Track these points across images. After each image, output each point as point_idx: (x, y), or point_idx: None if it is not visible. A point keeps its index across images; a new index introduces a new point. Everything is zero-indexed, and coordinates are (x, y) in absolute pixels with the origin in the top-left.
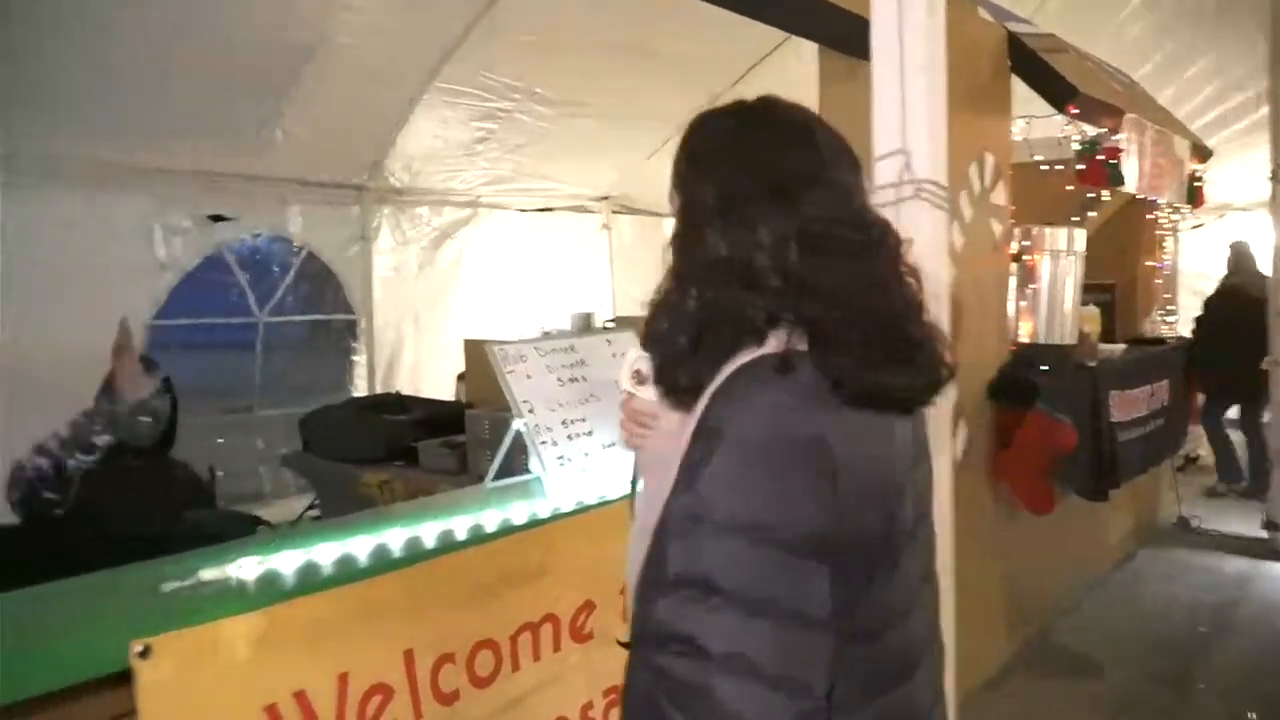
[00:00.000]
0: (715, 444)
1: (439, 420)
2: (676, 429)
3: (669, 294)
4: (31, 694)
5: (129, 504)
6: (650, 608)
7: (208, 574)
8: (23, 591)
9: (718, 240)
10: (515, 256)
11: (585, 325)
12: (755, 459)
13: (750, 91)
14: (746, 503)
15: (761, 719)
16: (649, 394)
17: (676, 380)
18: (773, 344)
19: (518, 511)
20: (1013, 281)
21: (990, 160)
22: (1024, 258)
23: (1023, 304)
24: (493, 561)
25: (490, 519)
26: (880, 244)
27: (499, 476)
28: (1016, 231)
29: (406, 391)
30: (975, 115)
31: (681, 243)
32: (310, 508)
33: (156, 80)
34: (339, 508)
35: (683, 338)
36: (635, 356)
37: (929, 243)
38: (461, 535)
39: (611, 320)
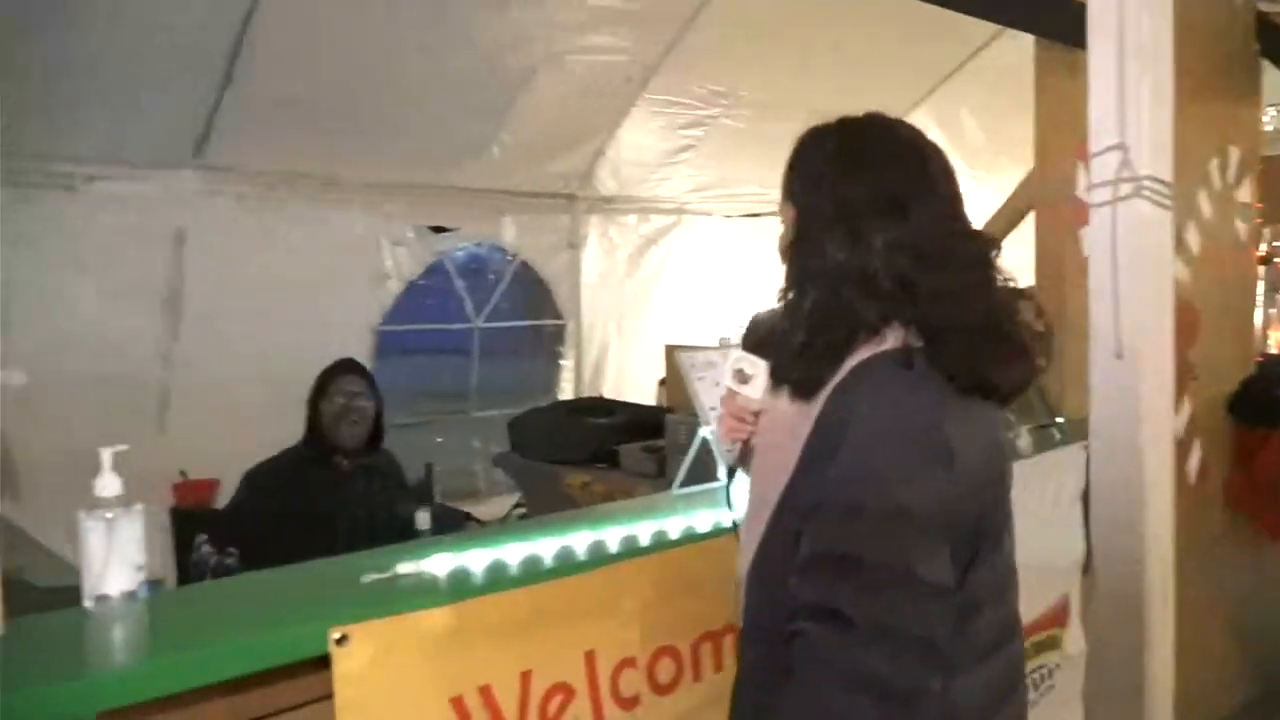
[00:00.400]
0: (844, 433)
1: (640, 424)
2: (793, 421)
3: (788, 297)
4: (239, 673)
5: (341, 500)
6: (780, 589)
7: (404, 567)
8: (238, 577)
9: (835, 249)
10: (719, 262)
11: None
12: (884, 446)
13: (956, 89)
14: (878, 486)
15: (903, 680)
16: (751, 392)
17: (795, 375)
18: (890, 341)
19: (702, 519)
20: (1261, 286)
21: (1234, 154)
22: (1274, 260)
23: (1272, 311)
24: (675, 568)
25: (675, 525)
26: (981, 251)
27: (686, 483)
28: (1266, 232)
29: (611, 395)
30: (1215, 104)
31: (798, 249)
32: (516, 506)
33: (388, 102)
34: (543, 507)
35: (801, 336)
36: (737, 357)
37: (1151, 244)
38: (645, 540)
39: None
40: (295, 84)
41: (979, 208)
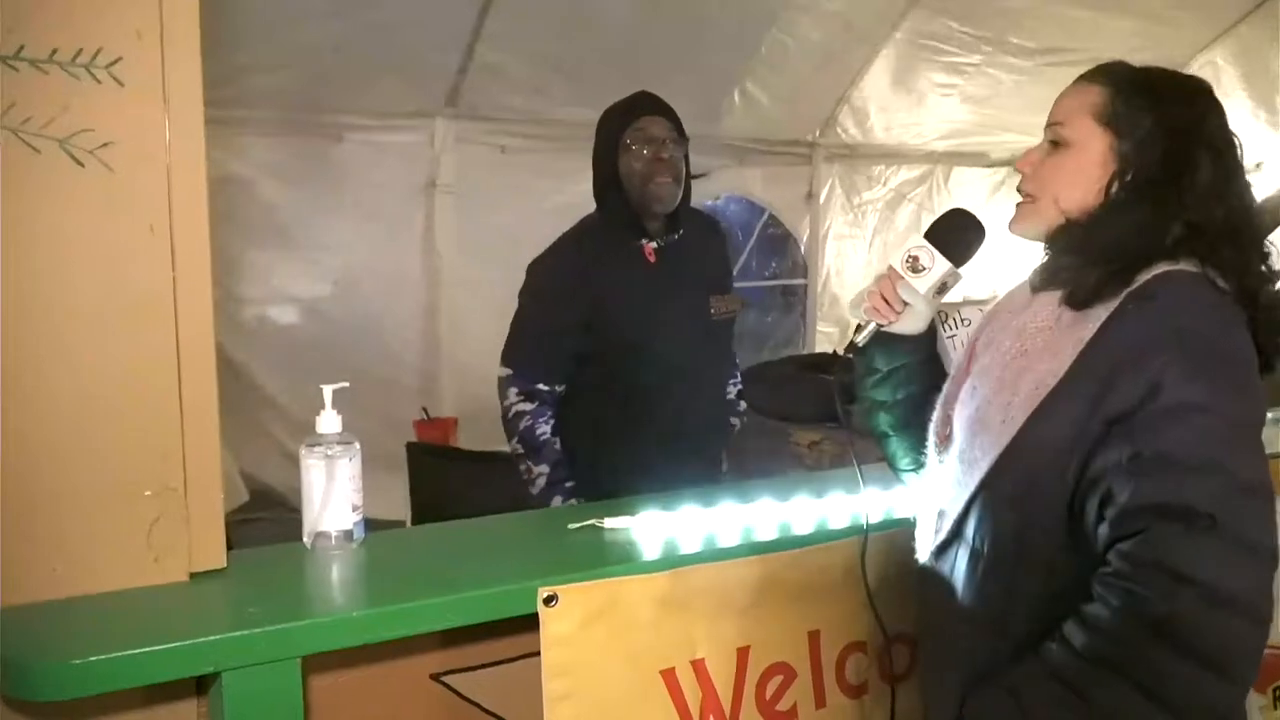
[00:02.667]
0: (1160, 339)
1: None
2: (1050, 327)
3: (1137, 220)
4: (445, 627)
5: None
6: (1043, 507)
7: (611, 522)
8: (451, 525)
9: (1159, 173)
10: (979, 214)
11: None
12: (1216, 354)
13: (1261, 24)
14: (1229, 394)
15: (1263, 597)
16: (918, 284)
17: (1085, 281)
18: (1184, 265)
19: None
20: None
21: None
22: None
23: None
24: (907, 548)
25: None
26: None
27: None
28: None
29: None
30: None
31: (1121, 169)
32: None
33: (631, 48)
34: (769, 466)
35: (1100, 246)
36: (918, 244)
37: None
38: (878, 515)
39: None
40: (540, 34)
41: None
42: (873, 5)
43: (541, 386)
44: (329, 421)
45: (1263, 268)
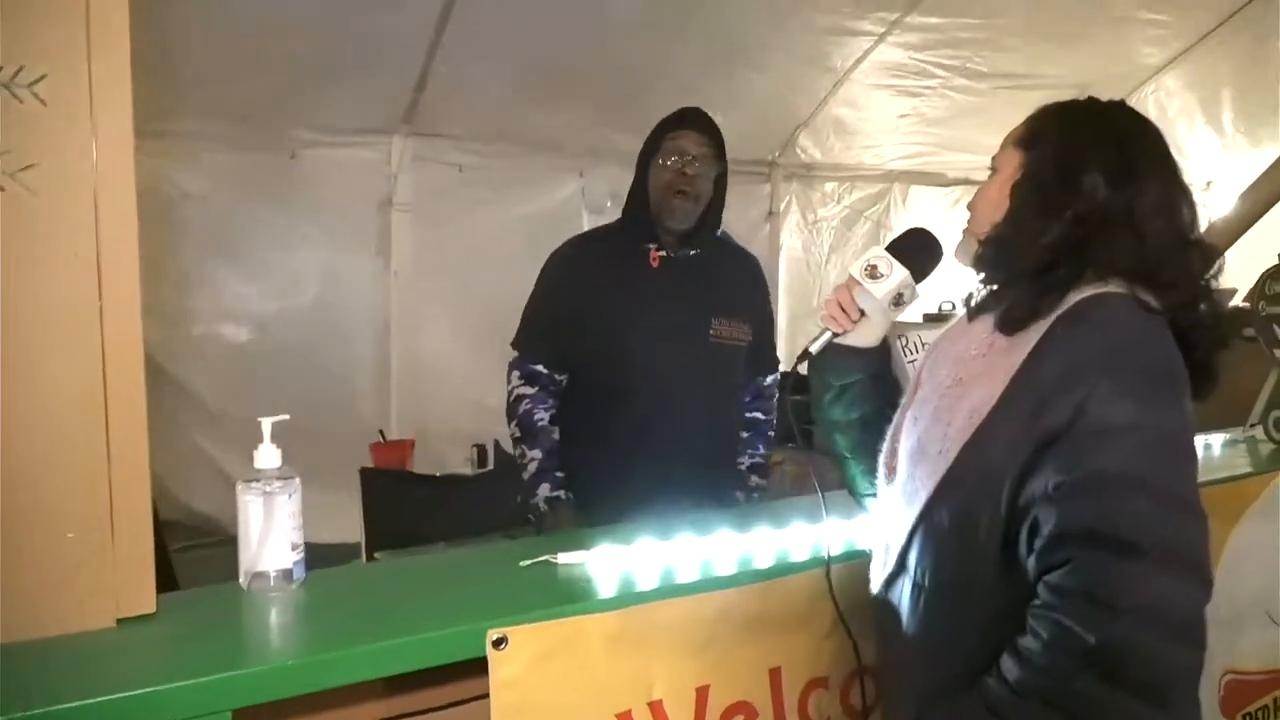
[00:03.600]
0: (1091, 360)
1: None
2: (984, 354)
3: (1019, 229)
4: (388, 674)
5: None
6: (975, 533)
7: (566, 557)
8: (392, 563)
9: (1104, 195)
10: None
11: None
12: (1141, 371)
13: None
14: (1149, 408)
15: (1193, 613)
16: (875, 290)
17: (1018, 305)
18: (1113, 286)
19: None
20: None
21: None
22: None
23: None
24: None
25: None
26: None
27: None
28: None
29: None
30: None
31: (1046, 185)
32: None
33: (593, 67)
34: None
35: (1030, 265)
36: (878, 253)
37: None
38: (839, 546)
39: None
40: (500, 52)
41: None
42: (840, 40)
43: (541, 369)
44: (267, 456)
45: (1195, 285)
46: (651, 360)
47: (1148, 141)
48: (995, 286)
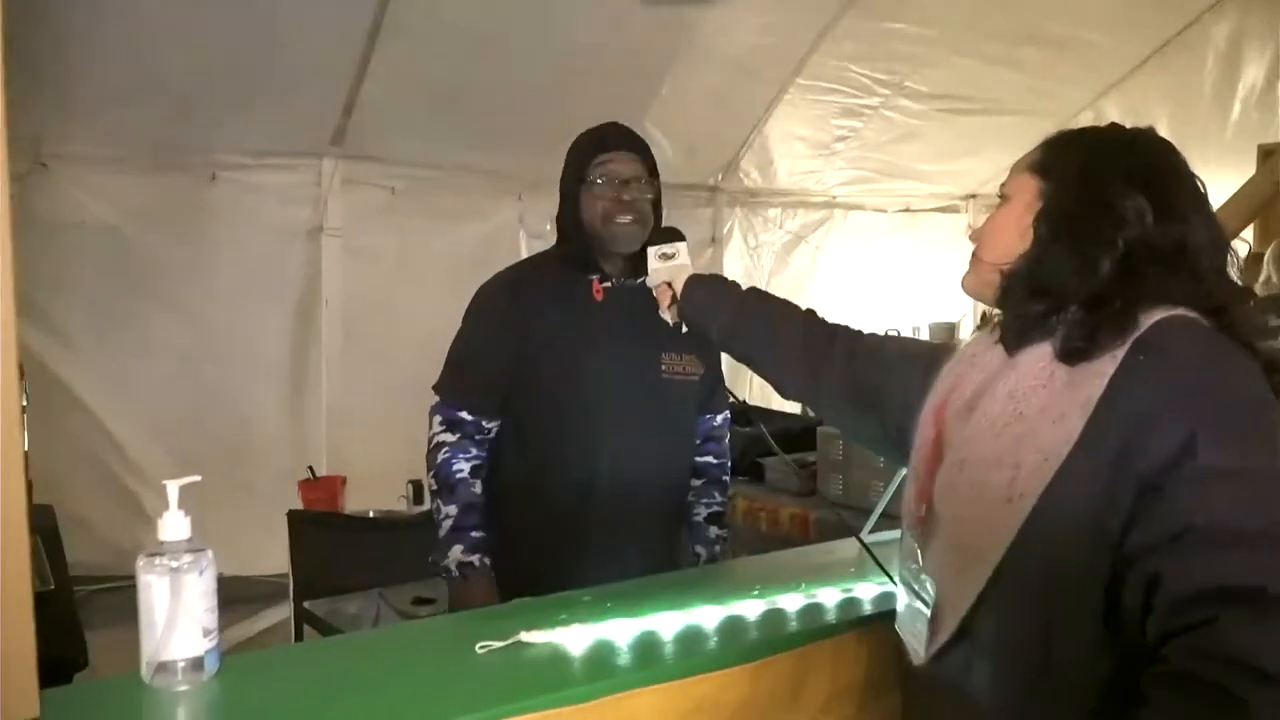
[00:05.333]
0: (1199, 403)
1: (787, 435)
2: (1045, 388)
3: (1072, 255)
4: None
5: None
6: (1059, 595)
7: (529, 636)
8: (334, 640)
9: (1151, 222)
10: (872, 260)
11: (949, 338)
12: (1259, 412)
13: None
14: (1267, 445)
15: None
16: (681, 259)
17: (1076, 333)
18: (1181, 310)
19: None
20: None
21: None
22: None
23: None
24: (875, 651)
25: (870, 592)
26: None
27: (878, 528)
28: None
29: (755, 403)
30: None
31: (1045, 206)
32: None
33: (526, 90)
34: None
35: (1084, 296)
36: (652, 249)
37: None
38: (832, 613)
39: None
40: (432, 73)
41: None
42: (772, 47)
43: (465, 416)
44: (174, 526)
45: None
46: (600, 401)
47: (1183, 170)
48: (1031, 309)
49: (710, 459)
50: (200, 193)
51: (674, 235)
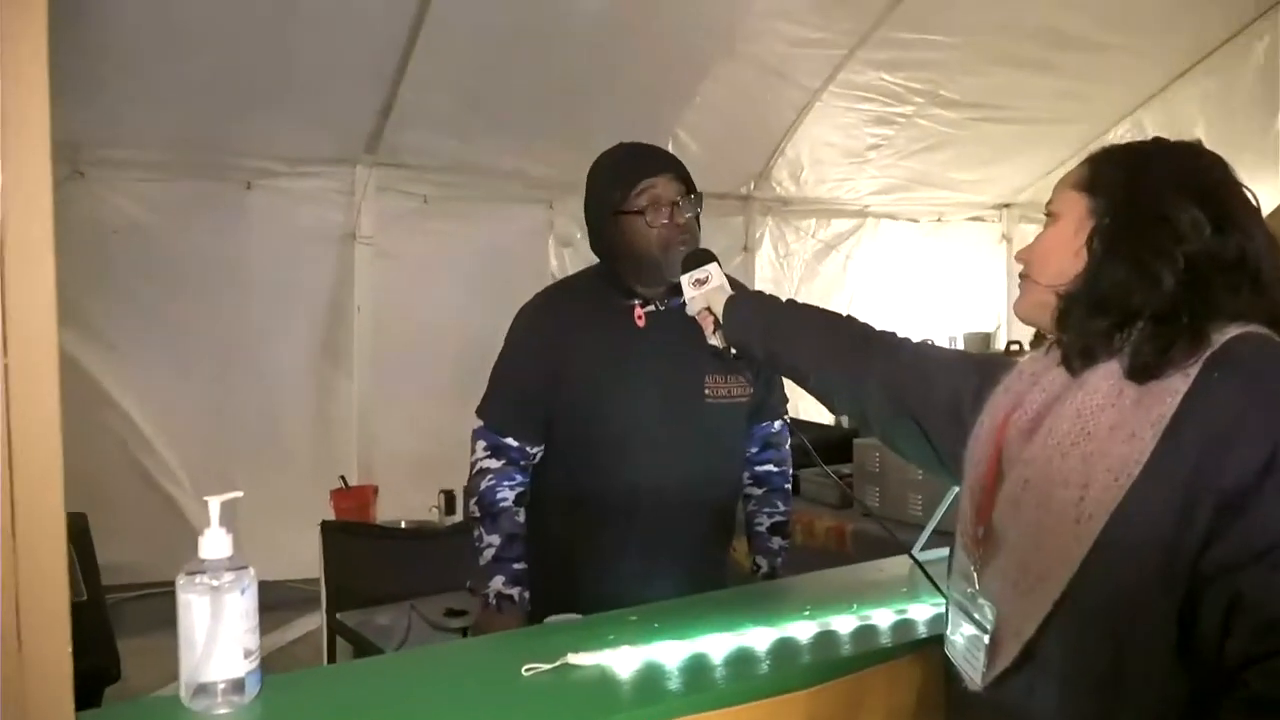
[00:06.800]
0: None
1: (824, 447)
2: (1119, 402)
3: (1135, 272)
4: None
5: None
6: (1129, 617)
7: (577, 658)
8: (373, 661)
9: (1210, 235)
10: (903, 270)
11: (984, 348)
12: None
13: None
14: None
15: None
16: (715, 280)
17: (1145, 350)
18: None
19: None
20: None
21: None
22: None
23: None
24: (928, 679)
25: (924, 613)
26: None
27: (929, 545)
28: None
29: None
30: None
31: (1096, 224)
32: None
33: (560, 96)
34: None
35: (1151, 313)
36: (685, 276)
37: None
38: (887, 635)
39: (1014, 342)
40: (465, 78)
41: None
42: (806, 56)
43: (510, 442)
44: (215, 543)
45: None
46: (641, 428)
47: (1235, 181)
48: (1092, 328)
49: (771, 466)
50: (234, 198)
51: (703, 258)
